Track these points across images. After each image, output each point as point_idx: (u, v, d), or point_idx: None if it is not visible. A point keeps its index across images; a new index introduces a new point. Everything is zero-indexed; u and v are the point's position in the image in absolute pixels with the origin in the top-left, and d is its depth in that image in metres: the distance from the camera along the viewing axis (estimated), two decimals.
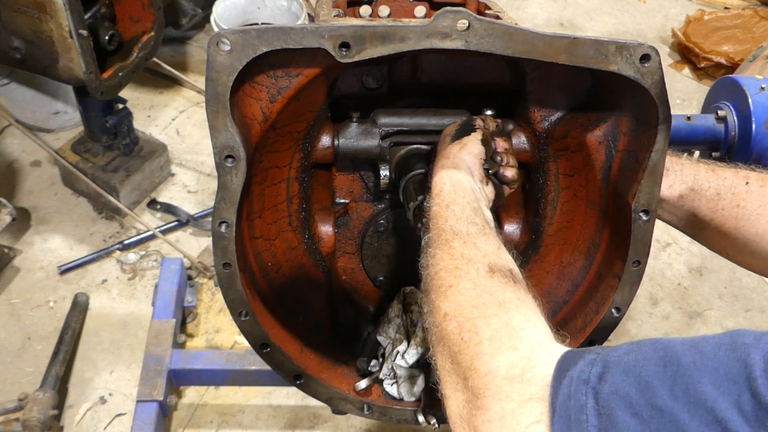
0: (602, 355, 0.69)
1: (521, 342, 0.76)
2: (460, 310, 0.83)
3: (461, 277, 0.88)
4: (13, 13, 1.98)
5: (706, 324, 2.59)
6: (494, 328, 0.78)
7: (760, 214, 1.05)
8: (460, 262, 0.90)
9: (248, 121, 1.01)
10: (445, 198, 1.00)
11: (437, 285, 0.89)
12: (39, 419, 1.93)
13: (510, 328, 0.78)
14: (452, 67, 1.21)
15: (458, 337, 0.80)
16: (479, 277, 0.87)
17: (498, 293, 0.84)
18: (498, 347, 0.76)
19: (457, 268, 0.89)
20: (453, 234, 0.94)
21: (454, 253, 0.92)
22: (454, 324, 0.82)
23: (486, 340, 0.77)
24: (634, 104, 1.03)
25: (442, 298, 0.87)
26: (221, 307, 2.45)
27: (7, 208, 2.31)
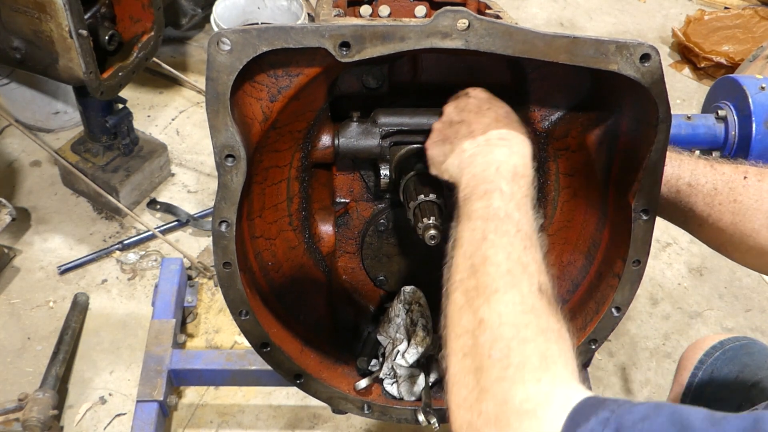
0: (616, 415, 0.65)
1: (547, 373, 0.72)
2: (499, 323, 0.77)
3: (512, 285, 0.80)
4: (13, 13, 1.98)
5: (706, 324, 2.59)
6: (527, 354, 0.73)
7: (757, 209, 1.04)
8: (515, 265, 0.82)
9: (248, 121, 1.01)
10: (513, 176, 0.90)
11: (482, 282, 0.81)
12: (39, 419, 1.93)
13: (543, 358, 0.73)
14: (452, 66, 1.21)
15: (486, 353, 0.75)
16: (530, 293, 0.80)
17: (543, 318, 0.78)
18: (522, 376, 0.71)
19: (509, 272, 0.81)
20: (517, 228, 0.86)
21: (513, 251, 0.83)
22: (487, 336, 0.76)
23: (514, 366, 0.73)
24: (634, 104, 1.03)
25: (483, 301, 0.79)
26: (221, 307, 2.45)
27: (7, 208, 2.31)
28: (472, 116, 1.01)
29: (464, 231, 0.88)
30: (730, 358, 1.49)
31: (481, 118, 1.00)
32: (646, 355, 2.46)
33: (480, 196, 0.89)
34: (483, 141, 0.96)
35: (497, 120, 0.99)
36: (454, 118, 1.04)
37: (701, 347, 1.56)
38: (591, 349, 1.14)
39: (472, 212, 0.88)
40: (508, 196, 0.88)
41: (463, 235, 0.87)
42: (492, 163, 0.92)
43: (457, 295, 0.83)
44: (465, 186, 0.93)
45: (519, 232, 0.85)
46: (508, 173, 0.91)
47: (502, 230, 0.85)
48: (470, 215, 0.88)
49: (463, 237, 0.87)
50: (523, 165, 0.93)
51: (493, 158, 0.93)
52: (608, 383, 2.37)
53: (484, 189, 0.90)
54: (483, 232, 0.85)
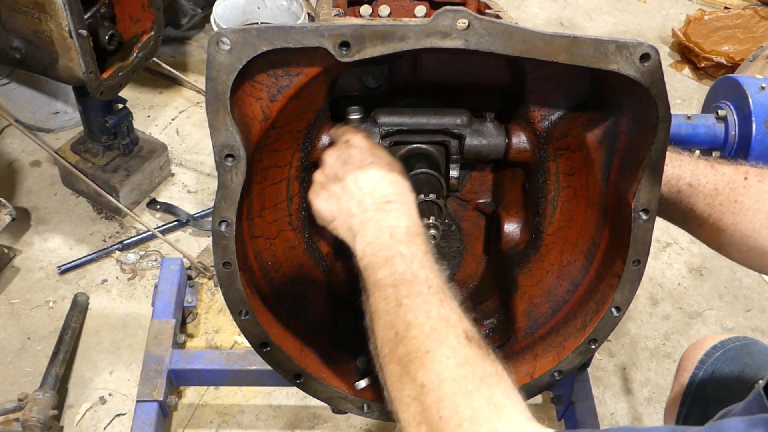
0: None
1: (501, 421, 0.72)
2: (439, 383, 0.77)
3: (440, 341, 0.80)
4: (13, 13, 1.98)
5: (706, 324, 2.59)
6: (475, 406, 0.74)
7: (758, 209, 1.04)
8: (437, 322, 0.83)
9: (248, 121, 1.01)
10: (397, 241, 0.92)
11: (412, 347, 0.81)
12: (39, 419, 1.93)
13: (491, 405, 0.74)
14: (452, 66, 1.21)
15: (436, 416, 0.75)
16: (459, 344, 0.80)
17: (478, 366, 0.78)
18: (478, 429, 0.72)
19: (434, 330, 0.82)
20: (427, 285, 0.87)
21: (431, 309, 0.84)
22: (432, 398, 0.76)
23: (466, 420, 0.73)
24: (634, 103, 1.03)
25: (419, 366, 0.79)
26: (221, 307, 2.45)
27: (7, 208, 2.31)
28: (356, 171, 1.01)
29: (378, 302, 0.88)
30: (730, 358, 1.49)
31: (365, 175, 1.00)
32: (646, 355, 2.46)
33: (382, 264, 0.90)
34: (371, 206, 0.97)
35: (382, 176, 1.00)
36: (338, 173, 1.03)
37: (702, 347, 1.56)
38: (591, 349, 1.14)
39: (379, 281, 0.89)
40: (409, 258, 0.90)
41: (378, 306, 0.88)
42: (384, 229, 0.94)
43: (392, 367, 0.83)
44: (362, 254, 0.94)
45: (430, 288, 0.86)
46: (404, 236, 0.93)
47: (414, 292, 0.86)
48: (378, 284, 0.89)
49: (379, 308, 0.88)
50: (415, 224, 0.96)
51: (385, 224, 0.94)
52: (608, 383, 2.37)
53: (384, 256, 0.91)
54: (396, 299, 0.86)
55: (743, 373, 1.44)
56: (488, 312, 1.36)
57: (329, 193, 1.03)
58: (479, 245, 1.43)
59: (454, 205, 1.39)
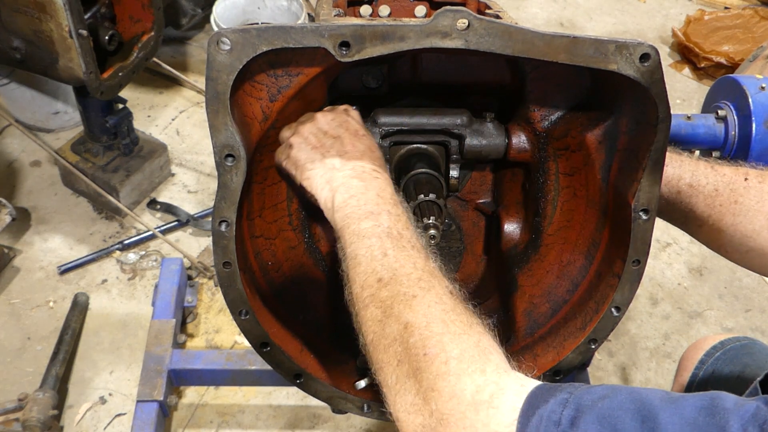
0: (575, 396, 0.66)
1: (489, 363, 0.71)
2: (426, 323, 0.76)
3: (428, 289, 0.81)
4: (13, 13, 1.98)
5: (706, 324, 2.59)
6: (463, 347, 0.73)
7: (758, 210, 1.04)
8: (424, 273, 0.84)
9: (248, 120, 1.01)
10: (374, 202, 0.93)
11: (397, 291, 0.81)
12: (39, 419, 1.93)
13: (480, 348, 0.73)
14: (452, 66, 1.21)
15: (421, 353, 0.74)
16: (444, 295, 0.81)
17: (465, 315, 0.79)
18: (466, 367, 0.71)
19: (421, 279, 0.83)
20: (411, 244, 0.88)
21: (417, 261, 0.85)
22: (416, 337, 0.76)
23: (453, 358, 0.72)
24: (633, 103, 1.03)
25: (405, 307, 0.79)
26: (221, 307, 2.45)
27: (7, 208, 2.31)
28: (350, 136, 1.03)
29: (359, 248, 0.88)
30: (730, 358, 1.49)
31: (356, 143, 1.02)
32: (646, 355, 2.46)
33: (366, 216, 0.91)
34: (359, 167, 0.98)
35: (371, 150, 1.03)
36: (328, 130, 1.04)
37: (702, 347, 1.56)
38: (590, 349, 1.14)
39: (362, 230, 0.90)
40: (395, 216, 0.92)
41: (359, 252, 0.88)
42: (371, 188, 0.96)
43: (372, 309, 0.83)
44: (342, 205, 0.94)
45: (414, 247, 0.88)
46: (390, 199, 0.95)
47: (400, 246, 0.87)
48: (360, 233, 0.90)
49: (360, 254, 0.88)
50: (397, 197, 0.97)
51: (372, 185, 0.96)
52: (608, 383, 2.37)
53: (368, 210, 0.92)
54: (382, 249, 0.87)
55: (743, 373, 1.44)
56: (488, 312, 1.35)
57: (316, 144, 1.03)
58: (479, 245, 1.43)
59: (454, 205, 1.39)
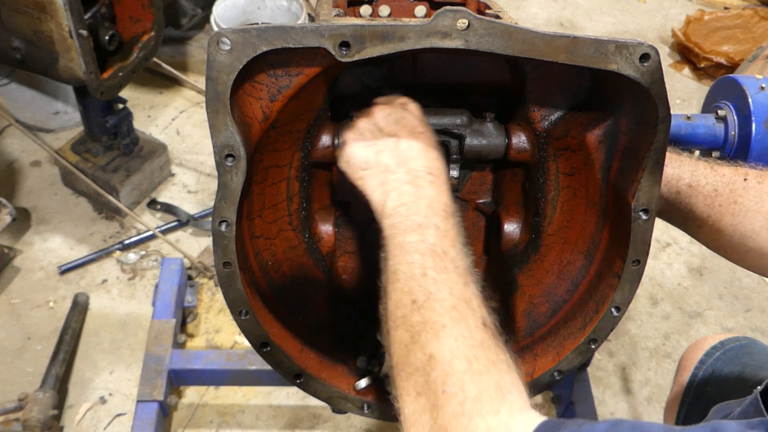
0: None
1: (504, 404, 0.72)
2: (450, 358, 0.76)
3: (459, 320, 0.79)
4: (13, 13, 1.98)
5: (706, 324, 2.59)
6: (482, 387, 0.73)
7: (757, 211, 1.04)
8: (458, 301, 0.82)
9: (248, 121, 1.01)
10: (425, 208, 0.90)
11: (428, 318, 0.80)
12: (39, 419, 1.93)
13: (498, 389, 0.73)
14: (452, 66, 1.21)
15: (440, 389, 0.74)
16: (476, 327, 0.80)
17: (492, 351, 0.78)
18: (480, 408, 0.71)
19: (454, 308, 0.81)
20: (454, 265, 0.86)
21: (455, 288, 0.83)
22: (438, 372, 0.75)
23: (470, 399, 0.72)
24: (633, 103, 1.03)
25: (432, 337, 0.78)
26: (221, 307, 2.45)
27: (7, 208, 2.31)
28: (405, 133, 1.00)
29: (400, 264, 0.86)
30: (730, 358, 1.49)
31: (413, 142, 0.99)
32: (646, 355, 2.46)
33: (413, 229, 0.89)
34: (413, 171, 0.95)
35: (427, 150, 0.99)
36: (384, 126, 1.02)
37: (701, 347, 1.56)
38: (590, 349, 1.14)
39: (406, 244, 0.87)
40: (442, 232, 0.88)
41: (400, 268, 0.86)
42: (423, 197, 0.92)
43: (402, 332, 0.82)
44: (391, 212, 0.92)
45: (457, 269, 0.85)
46: (441, 210, 0.91)
47: (441, 266, 0.85)
48: (404, 247, 0.87)
49: (400, 270, 0.86)
50: (452, 204, 0.94)
51: (424, 193, 0.93)
52: (608, 383, 2.37)
53: (417, 222, 0.89)
54: (422, 268, 0.84)
55: (743, 373, 1.44)
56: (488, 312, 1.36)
57: (371, 141, 1.00)
58: (479, 245, 1.43)
59: None
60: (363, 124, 1.04)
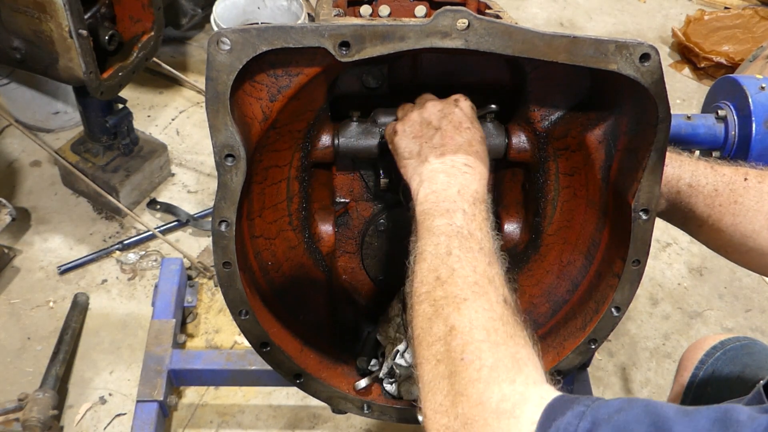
0: (592, 409, 0.67)
1: (520, 374, 0.74)
2: (470, 328, 0.79)
3: (480, 294, 0.83)
4: (13, 13, 1.98)
5: (706, 324, 2.59)
6: (499, 356, 0.75)
7: (758, 210, 1.04)
8: (481, 278, 0.85)
9: (248, 120, 1.01)
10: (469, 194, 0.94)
11: (451, 292, 0.83)
12: (39, 419, 1.93)
13: (514, 360, 0.75)
14: (452, 66, 1.21)
15: (458, 357, 0.77)
16: (497, 303, 0.82)
17: (510, 326, 0.80)
18: (497, 376, 0.73)
19: (476, 284, 0.84)
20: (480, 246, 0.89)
21: (478, 266, 0.86)
22: (458, 341, 0.78)
23: (487, 367, 0.74)
24: (633, 103, 1.03)
25: (453, 309, 0.81)
26: (221, 307, 2.45)
27: (7, 208, 2.31)
28: (451, 129, 1.03)
29: (427, 245, 0.90)
30: (730, 358, 1.49)
31: (457, 136, 1.02)
32: (646, 355, 2.46)
33: (442, 213, 0.92)
34: (449, 162, 0.99)
35: (470, 144, 1.02)
36: (432, 120, 1.05)
37: (702, 347, 1.56)
38: (591, 349, 1.14)
39: (435, 227, 0.91)
40: (470, 216, 0.92)
41: (427, 248, 0.90)
42: (454, 184, 0.96)
43: (425, 306, 0.85)
44: (423, 200, 0.96)
45: (482, 249, 0.88)
46: (470, 196, 0.95)
47: (466, 246, 0.88)
48: (432, 230, 0.91)
49: (427, 251, 0.90)
50: (483, 192, 0.97)
51: (455, 180, 0.96)
52: (608, 383, 2.37)
53: (445, 207, 0.93)
54: (447, 247, 0.88)
55: (743, 373, 1.44)
56: None
57: (417, 133, 1.04)
58: None
59: None
60: (415, 116, 1.08)
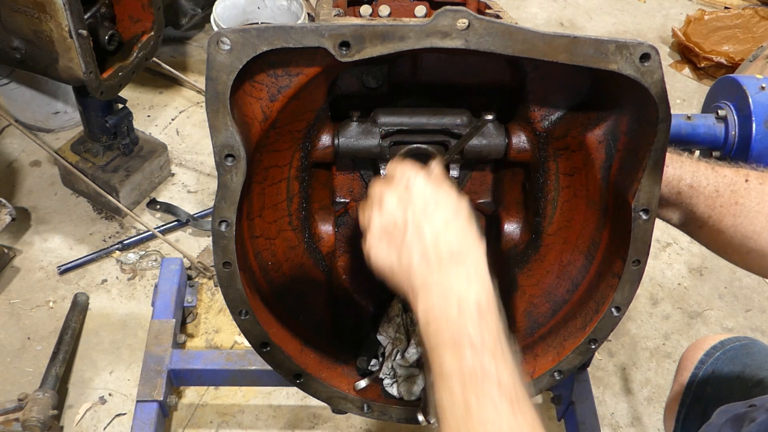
0: None
1: None
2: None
3: None
4: (13, 13, 1.98)
5: (706, 324, 2.59)
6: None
7: (758, 212, 1.04)
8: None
9: (248, 120, 1.01)
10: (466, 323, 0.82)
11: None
12: (39, 419, 1.93)
13: None
14: (452, 66, 1.21)
15: None
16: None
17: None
18: None
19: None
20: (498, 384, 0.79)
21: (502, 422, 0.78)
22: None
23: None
24: (634, 103, 1.03)
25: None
26: (221, 307, 2.45)
27: (7, 208, 2.31)
28: (419, 218, 0.91)
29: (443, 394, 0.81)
30: (730, 358, 1.49)
31: (428, 223, 0.90)
32: (646, 355, 2.46)
33: (449, 345, 0.82)
34: (435, 260, 0.87)
35: (446, 225, 0.90)
36: (397, 217, 0.93)
37: (702, 347, 1.56)
38: (590, 349, 1.14)
39: (445, 367, 0.81)
40: (479, 345, 0.81)
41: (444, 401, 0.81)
42: (451, 297, 0.84)
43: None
44: (425, 320, 0.85)
45: (500, 387, 0.79)
46: (473, 312, 0.83)
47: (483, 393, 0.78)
48: (443, 371, 0.82)
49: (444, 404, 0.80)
50: (486, 296, 0.86)
51: (451, 290, 0.85)
52: (608, 383, 2.37)
53: (450, 336, 0.82)
54: (464, 400, 0.79)
55: (743, 373, 1.44)
56: None
57: (388, 241, 0.93)
58: None
59: None
60: (376, 222, 0.95)
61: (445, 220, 0.91)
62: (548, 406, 2.19)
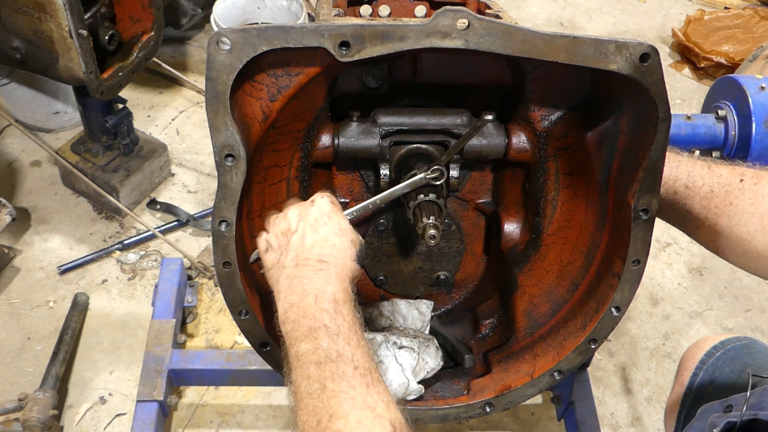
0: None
1: None
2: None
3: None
4: (13, 13, 1.98)
5: (706, 324, 2.59)
6: None
7: (752, 213, 1.04)
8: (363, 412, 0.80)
9: (248, 120, 1.01)
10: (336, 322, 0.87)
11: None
12: (39, 419, 1.93)
13: None
14: (452, 66, 1.21)
15: None
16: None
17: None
18: None
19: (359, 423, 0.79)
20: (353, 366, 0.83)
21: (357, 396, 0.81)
22: None
23: None
24: (633, 103, 1.03)
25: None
26: (221, 307, 2.45)
27: (7, 208, 2.31)
28: (307, 229, 0.98)
29: (299, 380, 0.84)
30: (731, 358, 1.49)
31: (312, 234, 0.97)
32: (646, 355, 2.46)
33: (305, 335, 0.86)
34: (303, 262, 0.94)
35: (326, 239, 0.97)
36: (291, 226, 1.00)
37: (702, 347, 1.56)
38: (590, 349, 1.14)
39: (301, 355, 0.85)
40: (334, 332, 0.86)
41: (300, 386, 0.84)
42: (309, 292, 0.90)
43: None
44: (284, 318, 0.91)
45: (356, 369, 0.83)
46: (329, 304, 0.89)
47: (339, 374, 0.82)
48: (300, 358, 0.85)
49: (300, 388, 0.84)
50: (342, 291, 0.91)
51: (311, 286, 0.91)
52: (608, 383, 2.37)
53: (307, 326, 0.87)
54: (320, 381, 0.82)
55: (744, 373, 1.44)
56: (488, 312, 1.36)
57: (278, 243, 1.00)
58: (479, 245, 1.43)
59: (454, 205, 1.39)
60: (276, 227, 1.02)
61: (326, 235, 0.97)
62: (548, 406, 2.19)
